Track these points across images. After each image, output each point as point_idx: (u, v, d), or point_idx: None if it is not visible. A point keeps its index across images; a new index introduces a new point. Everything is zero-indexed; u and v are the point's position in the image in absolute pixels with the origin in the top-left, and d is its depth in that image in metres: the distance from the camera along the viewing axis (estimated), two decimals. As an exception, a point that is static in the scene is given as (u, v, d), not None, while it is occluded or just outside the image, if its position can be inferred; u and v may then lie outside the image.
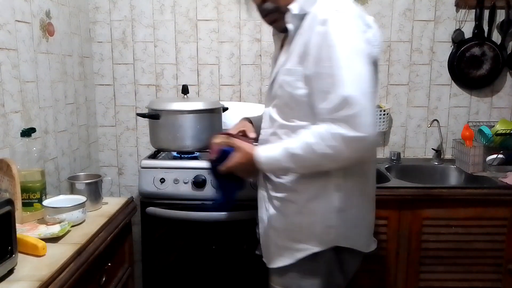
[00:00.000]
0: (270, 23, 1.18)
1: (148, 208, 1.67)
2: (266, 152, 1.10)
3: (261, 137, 1.25)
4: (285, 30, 1.14)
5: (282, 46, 1.20)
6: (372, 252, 1.25)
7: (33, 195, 1.30)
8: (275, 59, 1.22)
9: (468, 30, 2.16)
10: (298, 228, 1.14)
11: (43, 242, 1.08)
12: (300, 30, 1.08)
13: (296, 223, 1.15)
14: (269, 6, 1.13)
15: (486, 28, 2.13)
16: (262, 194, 1.25)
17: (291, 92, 1.09)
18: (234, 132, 1.31)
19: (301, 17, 1.08)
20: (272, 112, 1.17)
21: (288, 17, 1.09)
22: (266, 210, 1.22)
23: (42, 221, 1.28)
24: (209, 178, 1.64)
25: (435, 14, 2.16)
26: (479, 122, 2.21)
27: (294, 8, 1.08)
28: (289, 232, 1.16)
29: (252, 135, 1.31)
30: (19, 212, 1.21)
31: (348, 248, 1.16)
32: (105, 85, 2.22)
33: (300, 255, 1.14)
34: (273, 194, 1.19)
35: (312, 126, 1.04)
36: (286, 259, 1.16)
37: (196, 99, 2.01)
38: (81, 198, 1.33)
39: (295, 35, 1.10)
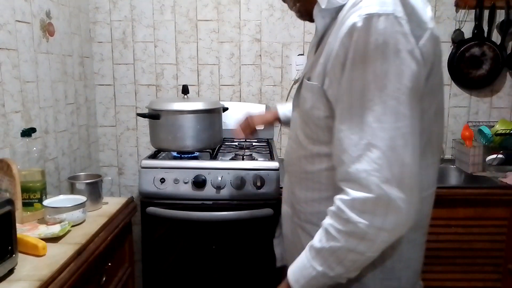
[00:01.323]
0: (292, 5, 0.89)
1: (148, 208, 1.67)
2: (293, 266, 0.81)
3: (287, 151, 0.99)
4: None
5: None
6: None
7: (33, 195, 1.30)
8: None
9: (468, 30, 2.16)
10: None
11: (43, 242, 1.08)
12: (332, 28, 0.78)
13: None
14: None
15: (486, 28, 2.14)
16: (293, 222, 0.98)
17: (309, 111, 0.82)
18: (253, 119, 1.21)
19: (337, 10, 0.78)
20: (297, 122, 0.91)
21: (316, 11, 0.80)
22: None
23: (42, 221, 1.28)
24: (209, 178, 1.65)
25: (434, 14, 2.16)
26: (479, 122, 2.21)
27: (321, 0, 0.78)
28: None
29: (259, 127, 1.15)
30: (19, 212, 1.21)
31: None
32: (106, 85, 2.22)
33: None
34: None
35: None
36: None
37: (196, 99, 2.01)
38: (81, 198, 1.33)
39: (326, 34, 0.80)
